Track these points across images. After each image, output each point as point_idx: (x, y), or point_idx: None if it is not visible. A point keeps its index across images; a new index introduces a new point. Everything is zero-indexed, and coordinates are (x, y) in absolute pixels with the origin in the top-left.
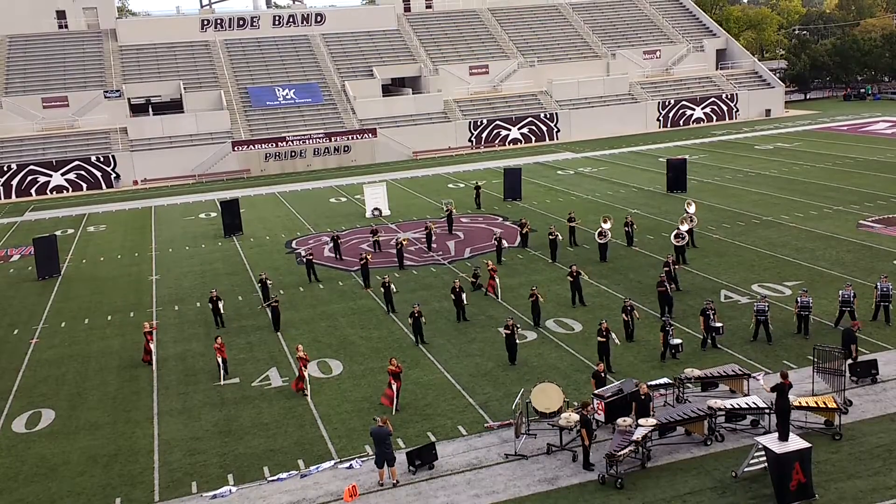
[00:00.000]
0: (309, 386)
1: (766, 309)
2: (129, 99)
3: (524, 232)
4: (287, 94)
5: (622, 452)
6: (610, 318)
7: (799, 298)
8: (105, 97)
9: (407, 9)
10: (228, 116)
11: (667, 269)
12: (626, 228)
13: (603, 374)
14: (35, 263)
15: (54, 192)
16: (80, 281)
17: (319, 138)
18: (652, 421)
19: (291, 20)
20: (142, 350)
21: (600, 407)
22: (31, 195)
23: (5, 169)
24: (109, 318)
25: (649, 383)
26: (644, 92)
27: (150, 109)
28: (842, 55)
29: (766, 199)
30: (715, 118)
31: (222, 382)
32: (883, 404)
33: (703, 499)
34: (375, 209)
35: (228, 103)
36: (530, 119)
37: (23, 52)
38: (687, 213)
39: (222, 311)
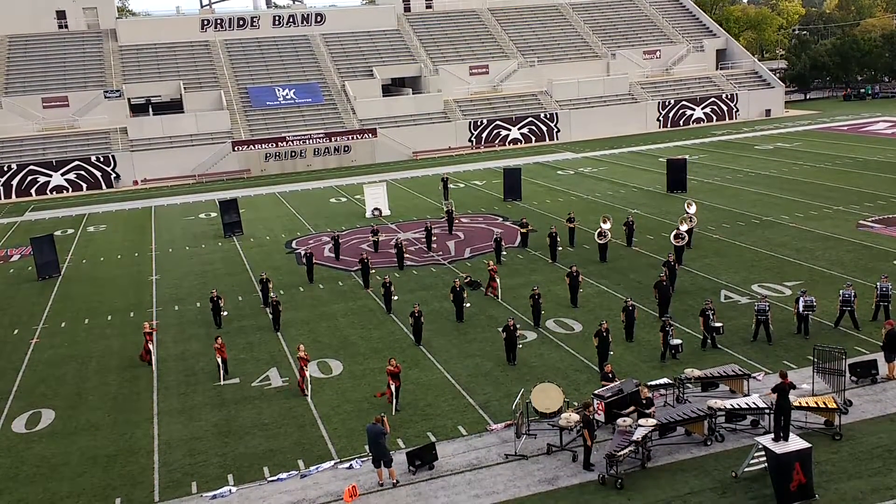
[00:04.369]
0: (310, 386)
1: (767, 309)
2: (129, 99)
3: (524, 232)
4: (287, 94)
5: (622, 452)
6: (610, 319)
7: (802, 298)
8: (105, 97)
9: (407, 9)
10: (228, 116)
11: (667, 268)
12: (626, 227)
13: (611, 375)
14: (34, 263)
15: (54, 192)
16: (80, 281)
17: (319, 138)
18: (652, 421)
19: (291, 20)
20: (141, 349)
21: (600, 407)
22: (31, 195)
23: (5, 169)
24: (109, 318)
25: (649, 383)
26: (644, 92)
27: (150, 109)
28: (842, 55)
29: (766, 199)
30: (715, 118)
31: (222, 382)
32: (883, 404)
33: (704, 499)
34: (375, 209)
35: (228, 103)
36: (530, 119)
37: (23, 52)
38: (687, 213)
39: (223, 313)
